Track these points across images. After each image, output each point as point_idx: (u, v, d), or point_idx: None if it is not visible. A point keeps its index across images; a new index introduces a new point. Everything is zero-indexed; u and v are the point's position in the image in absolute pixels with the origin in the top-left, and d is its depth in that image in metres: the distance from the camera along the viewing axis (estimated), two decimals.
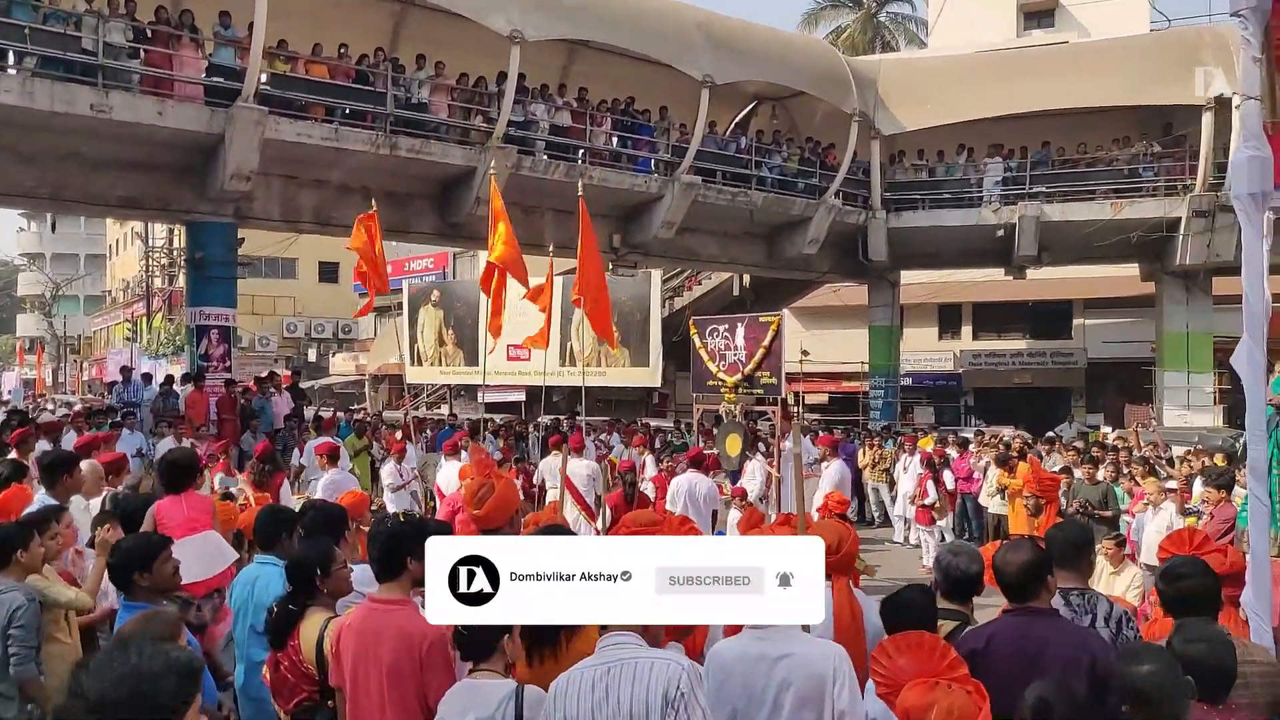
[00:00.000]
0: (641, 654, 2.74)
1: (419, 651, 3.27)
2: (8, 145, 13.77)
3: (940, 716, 2.40)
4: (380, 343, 33.17)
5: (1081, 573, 4.01)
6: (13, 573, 4.22)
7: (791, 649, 3.02)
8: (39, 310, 56.79)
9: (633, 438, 16.71)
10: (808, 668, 2.95)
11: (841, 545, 4.12)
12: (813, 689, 2.93)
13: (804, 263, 22.44)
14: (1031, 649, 3.34)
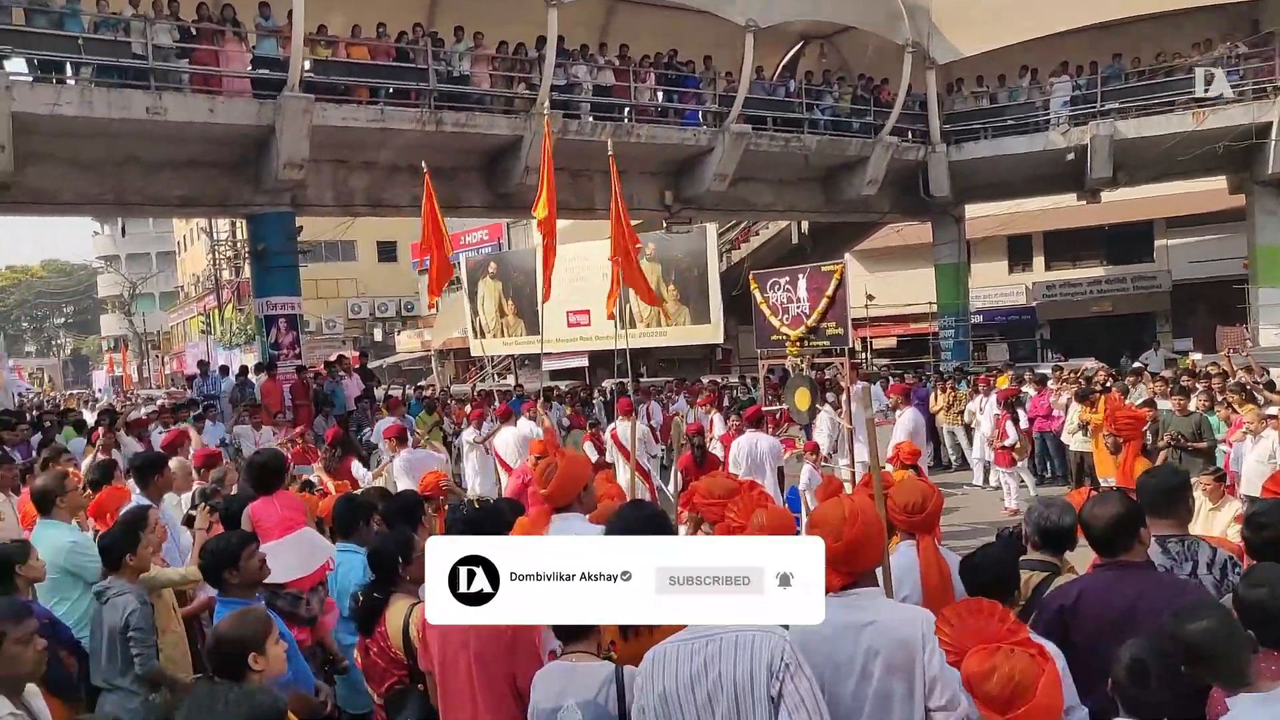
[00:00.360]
0: (739, 627, 2.68)
1: (505, 635, 3.28)
2: (70, 155, 14.13)
3: (1001, 681, 2.32)
4: (443, 318, 33.50)
5: (1180, 519, 3.84)
6: (124, 575, 4.41)
7: (877, 615, 2.92)
8: (119, 310, 58.76)
9: (697, 397, 16.65)
10: (895, 634, 2.85)
11: (926, 503, 4.01)
12: (902, 656, 2.83)
13: (863, 204, 21.94)
14: (1123, 604, 3.23)
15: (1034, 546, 4.01)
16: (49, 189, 14.35)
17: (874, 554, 3.06)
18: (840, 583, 3.00)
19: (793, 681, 2.57)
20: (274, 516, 4.51)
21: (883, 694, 2.84)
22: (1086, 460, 11.80)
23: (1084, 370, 16.30)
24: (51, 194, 14.44)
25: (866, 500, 3.33)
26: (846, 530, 2.94)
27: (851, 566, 2.98)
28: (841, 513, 2.99)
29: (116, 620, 4.24)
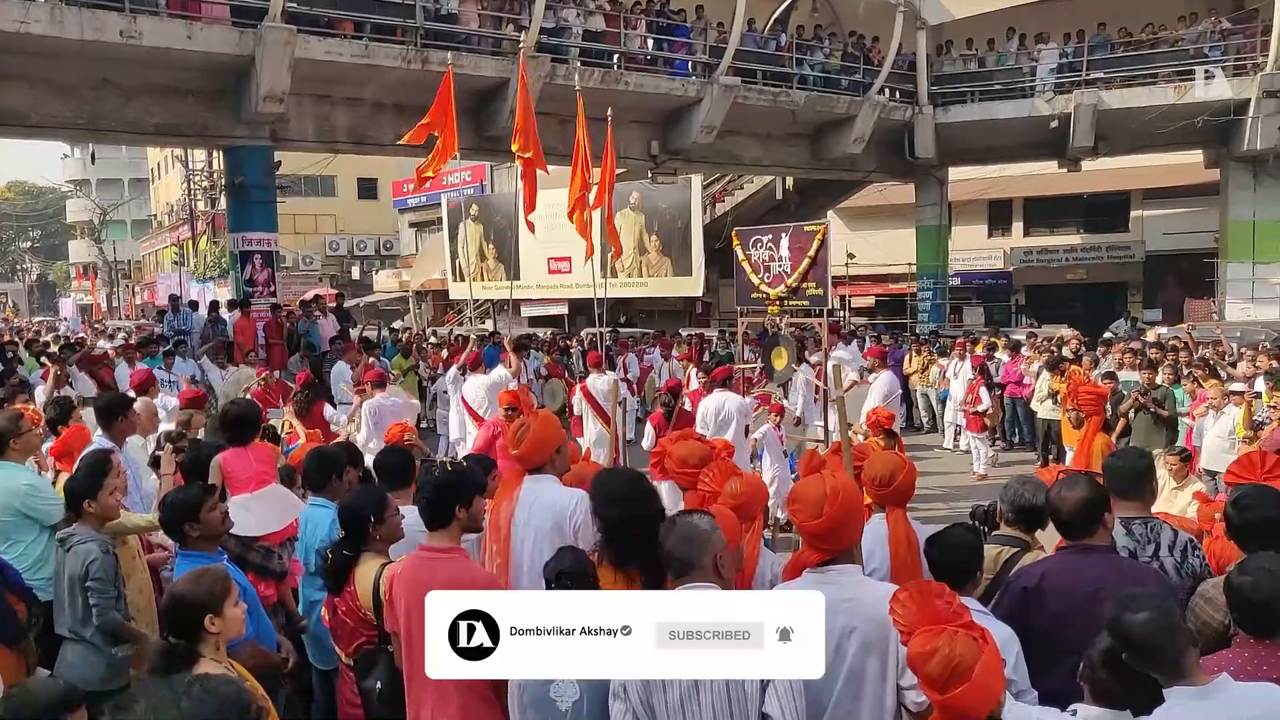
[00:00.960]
0: None
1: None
2: (43, 76, 13.73)
3: (940, 662, 2.35)
4: (423, 258, 33.19)
5: (1144, 501, 3.89)
6: (87, 522, 4.28)
7: (855, 593, 2.94)
8: (89, 236, 57.69)
9: (673, 350, 16.64)
10: (872, 612, 2.87)
11: (894, 477, 4.02)
12: (877, 634, 2.87)
13: (849, 162, 21.85)
14: (1086, 589, 3.25)
15: (1007, 523, 4.06)
16: (18, 110, 13.97)
17: (853, 532, 3.07)
18: (818, 559, 3.03)
19: None
20: (248, 469, 4.40)
21: (856, 672, 2.87)
22: (1054, 428, 11.95)
23: (1060, 336, 16.45)
24: (20, 115, 14.05)
25: (848, 478, 3.33)
26: (827, 508, 2.94)
27: (830, 544, 2.99)
28: (822, 490, 2.98)
29: (77, 569, 4.13)
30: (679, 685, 2.65)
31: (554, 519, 3.96)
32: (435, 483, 3.51)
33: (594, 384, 10.93)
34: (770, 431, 9.61)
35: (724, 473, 4.14)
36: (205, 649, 2.90)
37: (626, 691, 2.74)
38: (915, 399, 15.71)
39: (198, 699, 1.54)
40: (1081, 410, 7.10)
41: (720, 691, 2.61)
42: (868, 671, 2.87)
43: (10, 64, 13.17)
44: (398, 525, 3.94)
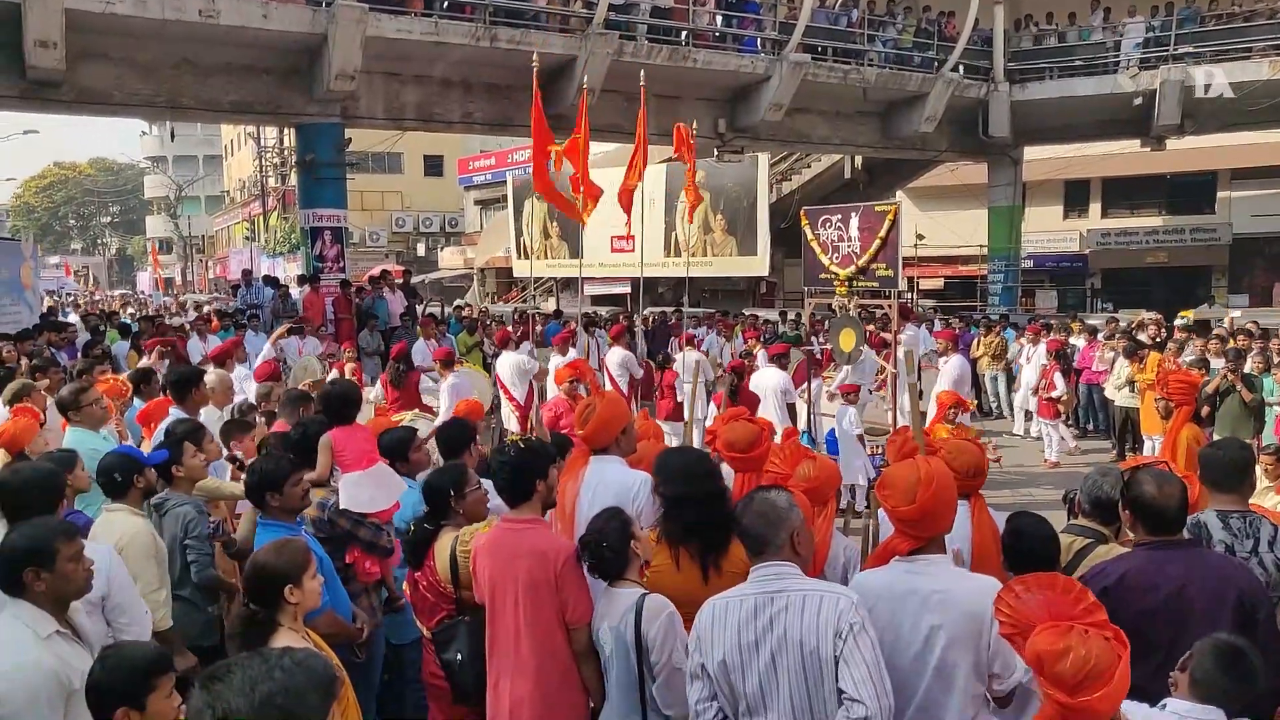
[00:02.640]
0: (807, 586, 2.72)
1: (554, 569, 3.32)
2: (125, 56, 14.09)
3: (1076, 663, 2.23)
4: (487, 236, 33.42)
5: (1242, 494, 3.73)
6: (179, 487, 4.55)
7: (946, 585, 2.88)
8: (164, 212, 59.31)
9: (732, 331, 16.50)
10: (963, 606, 2.82)
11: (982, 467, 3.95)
12: (967, 628, 2.81)
13: (920, 141, 21.39)
14: (1170, 584, 3.12)
15: (1084, 514, 3.93)
16: (101, 89, 14.35)
17: (945, 520, 3.01)
18: (909, 547, 2.98)
19: (855, 642, 2.58)
20: (357, 448, 4.49)
21: (946, 666, 2.82)
22: (1131, 416, 11.61)
23: (1141, 319, 15.94)
24: (104, 94, 14.44)
25: (941, 464, 3.26)
26: (920, 494, 2.90)
27: (921, 531, 2.95)
28: (916, 475, 2.94)
29: (176, 530, 4.36)
30: (757, 664, 2.67)
31: (617, 500, 3.96)
32: (510, 463, 3.55)
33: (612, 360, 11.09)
34: (852, 416, 9.53)
35: (795, 455, 4.16)
36: (284, 618, 2.95)
37: (705, 671, 2.77)
38: (984, 383, 15.39)
39: (289, 670, 1.63)
40: (1171, 399, 6.83)
41: (797, 668, 2.63)
42: (960, 666, 2.82)
43: (95, 44, 13.52)
44: (480, 500, 4.02)
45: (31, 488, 3.61)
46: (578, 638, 3.34)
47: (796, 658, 2.63)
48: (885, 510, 3.04)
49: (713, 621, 2.78)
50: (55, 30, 12.39)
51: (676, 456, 3.82)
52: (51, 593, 2.93)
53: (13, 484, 3.65)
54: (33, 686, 2.73)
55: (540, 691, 3.31)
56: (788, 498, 2.85)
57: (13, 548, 2.93)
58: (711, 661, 2.75)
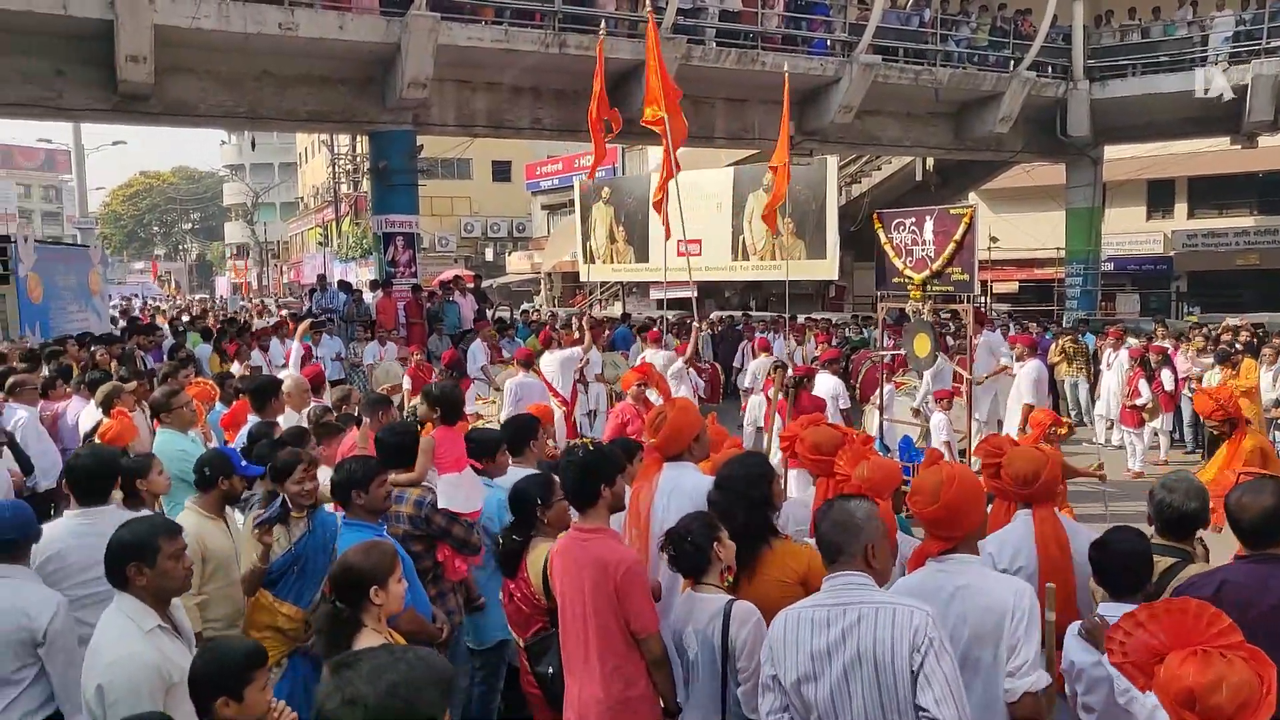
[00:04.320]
0: (881, 599, 2.67)
1: (615, 580, 3.33)
2: (210, 69, 14.55)
3: (1231, 695, 2.11)
4: (555, 241, 33.64)
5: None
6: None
7: (969, 580, 2.92)
8: (242, 218, 60.98)
9: (804, 335, 16.33)
10: (983, 600, 2.85)
11: (1038, 474, 3.79)
12: (989, 624, 2.82)
13: (994, 142, 20.94)
14: (1272, 599, 2.99)
15: (1158, 532, 3.76)
16: (187, 101, 14.81)
17: (971, 519, 3.04)
18: (939, 548, 3.04)
19: (935, 658, 2.53)
20: (455, 450, 4.55)
21: (970, 660, 2.83)
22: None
23: (1224, 327, 15.36)
24: (189, 106, 14.90)
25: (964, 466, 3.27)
26: (944, 494, 2.96)
27: (948, 531, 3.01)
28: (939, 478, 3.01)
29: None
30: (829, 675, 2.64)
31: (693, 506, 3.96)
32: (578, 464, 3.55)
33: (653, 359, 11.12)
34: (943, 421, 9.37)
35: (855, 456, 4.16)
36: (368, 618, 3.00)
37: (778, 682, 2.76)
38: (1062, 390, 14.96)
39: (412, 664, 1.72)
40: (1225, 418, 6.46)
41: (870, 682, 2.59)
42: (981, 661, 2.83)
43: (182, 58, 13.97)
44: (565, 510, 4.00)
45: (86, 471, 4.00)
46: (648, 647, 3.34)
47: (870, 671, 2.59)
48: (914, 513, 3.10)
49: (784, 632, 2.75)
50: (145, 45, 12.83)
51: (731, 462, 3.82)
52: (153, 588, 3.03)
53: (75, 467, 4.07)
54: (135, 678, 2.83)
55: (608, 696, 3.34)
56: (868, 509, 2.80)
57: (118, 543, 3.04)
58: (783, 673, 2.74)
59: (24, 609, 3.36)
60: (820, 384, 9.66)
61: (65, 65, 13.83)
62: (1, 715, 3.42)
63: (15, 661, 3.37)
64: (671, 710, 3.39)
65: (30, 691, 3.42)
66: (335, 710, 1.65)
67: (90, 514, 4.02)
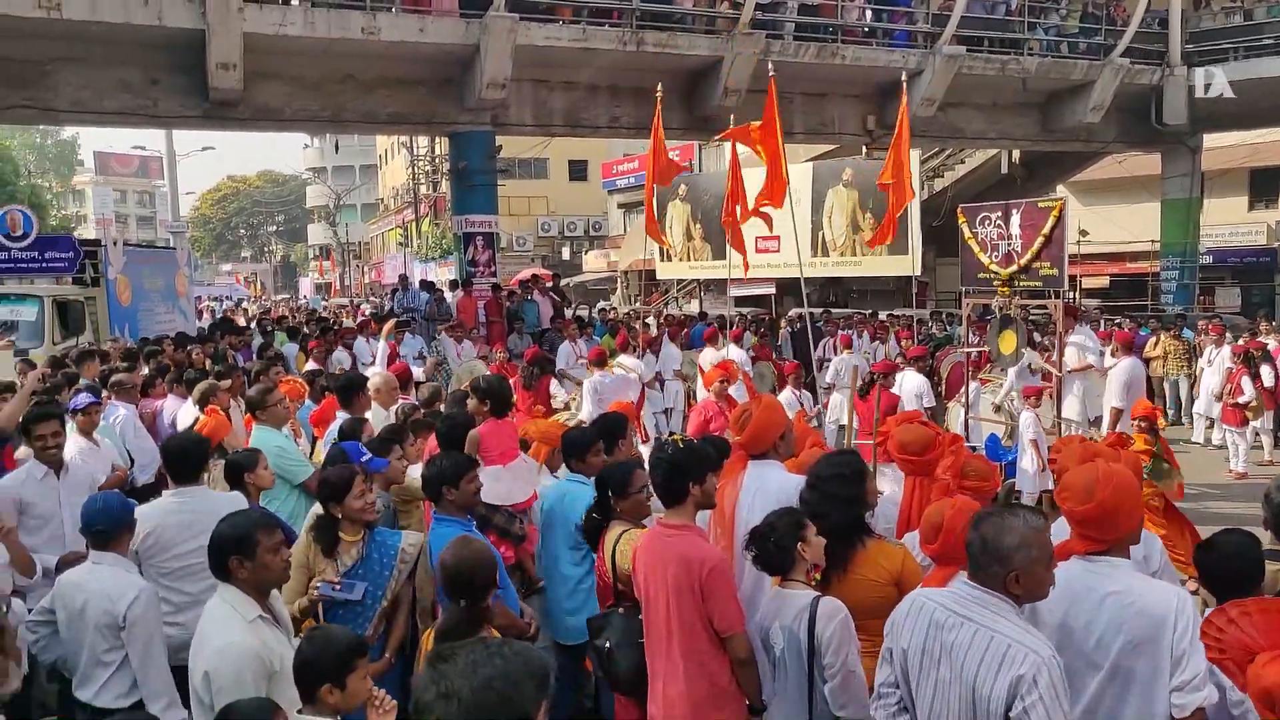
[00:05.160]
0: (1002, 628, 2.53)
1: (699, 578, 3.33)
2: (295, 74, 14.93)
3: None
4: (631, 239, 33.71)
5: None
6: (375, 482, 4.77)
7: (1125, 585, 2.74)
8: (324, 220, 62.52)
9: (887, 333, 16.03)
10: (1141, 607, 2.67)
11: None
12: (1146, 632, 2.65)
13: (1085, 132, 20.25)
14: None
15: (1275, 533, 3.58)
16: (273, 106, 15.21)
17: (1128, 522, 2.85)
18: (1087, 549, 2.86)
19: (1040, 707, 2.40)
20: (502, 443, 4.65)
21: (1121, 670, 2.69)
22: None
23: None
24: (276, 111, 15.31)
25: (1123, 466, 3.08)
26: (1099, 492, 2.78)
27: (1102, 533, 2.82)
28: (1094, 475, 2.83)
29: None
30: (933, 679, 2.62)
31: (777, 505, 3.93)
32: (668, 461, 3.54)
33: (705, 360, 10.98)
34: (1030, 418, 9.14)
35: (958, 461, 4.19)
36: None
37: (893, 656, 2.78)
38: (1161, 388, 14.42)
39: (508, 658, 1.71)
40: None
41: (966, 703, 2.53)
42: (1136, 672, 2.67)
43: (269, 64, 14.34)
44: (641, 503, 4.04)
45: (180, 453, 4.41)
46: (733, 645, 3.34)
47: (967, 693, 2.54)
48: (1064, 513, 2.93)
49: (907, 616, 2.75)
50: (235, 53, 13.22)
51: (824, 460, 3.80)
52: (253, 580, 3.11)
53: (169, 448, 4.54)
54: (239, 665, 2.92)
55: (692, 693, 3.35)
56: (1023, 536, 2.56)
57: (220, 537, 3.14)
58: (898, 649, 2.75)
59: (109, 593, 3.57)
60: (905, 381, 9.53)
61: (159, 74, 14.34)
62: (95, 696, 3.61)
63: (104, 644, 3.59)
64: (756, 707, 3.38)
65: (120, 674, 3.61)
66: (431, 703, 1.66)
67: (183, 493, 4.33)
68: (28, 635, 3.74)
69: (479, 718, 1.63)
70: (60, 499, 4.83)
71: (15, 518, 4.45)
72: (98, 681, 3.62)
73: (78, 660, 3.67)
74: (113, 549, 3.72)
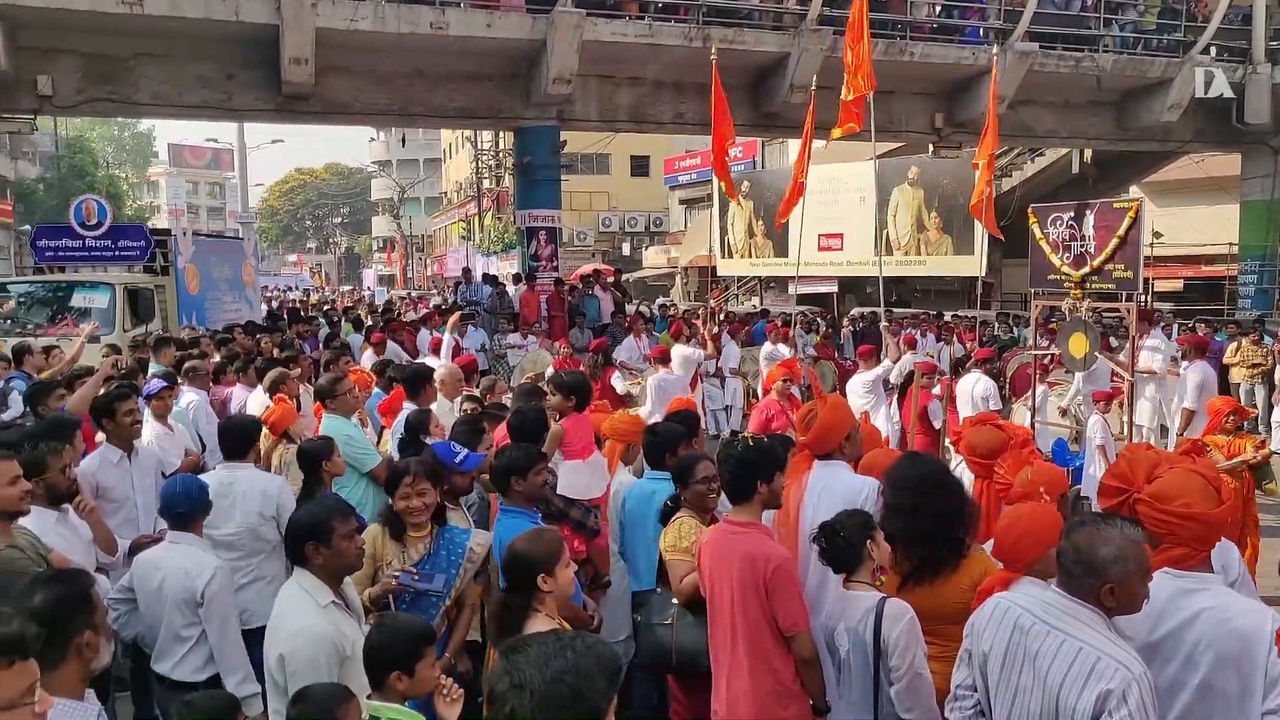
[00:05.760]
0: (1091, 640, 2.48)
1: (764, 576, 3.33)
2: (365, 69, 15.18)
3: None
4: (691, 235, 33.65)
5: None
6: None
7: (1217, 602, 2.65)
8: (389, 213, 63.49)
9: (950, 334, 15.78)
10: (1234, 625, 2.59)
11: None
12: (1235, 650, 2.57)
13: (1161, 131, 19.68)
14: None
15: None
16: (344, 100, 15.49)
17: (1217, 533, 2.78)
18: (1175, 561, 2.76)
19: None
20: (583, 437, 4.69)
21: (1209, 688, 2.60)
22: None
23: None
24: (346, 105, 15.58)
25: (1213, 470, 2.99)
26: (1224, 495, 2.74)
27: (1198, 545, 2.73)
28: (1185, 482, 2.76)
29: None
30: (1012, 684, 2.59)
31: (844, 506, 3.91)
32: (736, 458, 3.53)
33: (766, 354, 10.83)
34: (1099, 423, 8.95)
35: (1018, 462, 4.06)
36: (538, 604, 3.07)
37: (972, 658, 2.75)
38: (1237, 395, 13.95)
39: (580, 652, 1.73)
40: None
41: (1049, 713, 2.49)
42: (1225, 691, 2.58)
43: (339, 58, 14.61)
44: (705, 495, 4.05)
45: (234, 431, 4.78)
46: (798, 645, 3.34)
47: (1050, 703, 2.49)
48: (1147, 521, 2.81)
49: (990, 617, 2.70)
50: (307, 48, 13.49)
51: (911, 464, 3.73)
52: (328, 565, 3.19)
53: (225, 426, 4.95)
54: (313, 650, 2.98)
55: (756, 690, 3.35)
56: (1120, 549, 2.48)
57: (297, 523, 3.25)
58: (978, 651, 2.71)
59: (187, 570, 3.72)
60: (972, 384, 9.37)
61: (235, 69, 14.70)
62: (173, 669, 3.77)
63: (182, 619, 3.75)
64: (820, 709, 3.37)
65: (197, 649, 3.76)
66: (504, 693, 1.68)
67: (232, 467, 4.67)
68: (110, 611, 3.87)
69: (551, 711, 1.65)
70: (133, 482, 5.02)
71: (91, 500, 4.61)
72: (175, 656, 3.78)
73: (156, 635, 3.82)
74: (190, 529, 3.88)
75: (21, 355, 8.31)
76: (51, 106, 14.57)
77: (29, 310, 12.68)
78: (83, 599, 2.56)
